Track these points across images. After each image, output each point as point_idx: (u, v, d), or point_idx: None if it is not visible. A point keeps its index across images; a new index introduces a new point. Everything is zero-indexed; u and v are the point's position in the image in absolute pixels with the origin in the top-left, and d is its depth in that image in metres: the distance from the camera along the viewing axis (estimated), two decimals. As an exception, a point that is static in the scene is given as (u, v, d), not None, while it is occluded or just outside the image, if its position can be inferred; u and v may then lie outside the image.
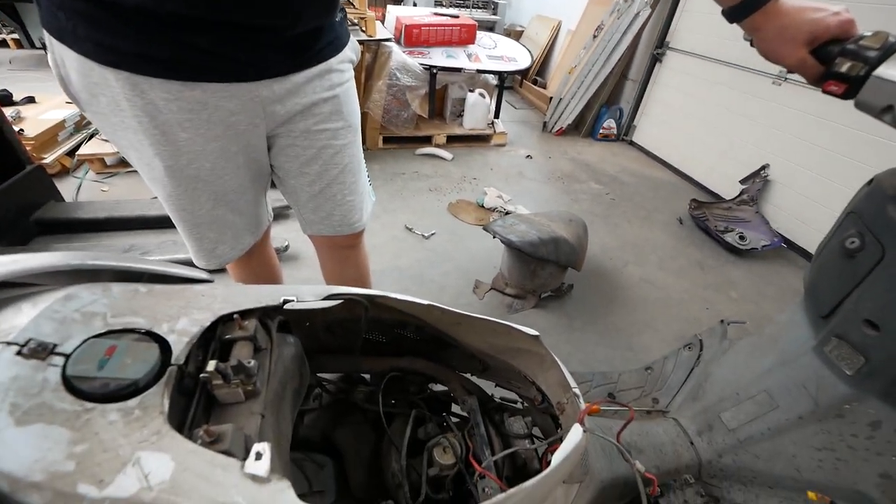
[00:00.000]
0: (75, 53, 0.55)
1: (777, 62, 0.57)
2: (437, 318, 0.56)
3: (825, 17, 0.53)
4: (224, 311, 0.41)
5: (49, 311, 0.35)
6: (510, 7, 5.37)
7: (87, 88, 0.59)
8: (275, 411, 0.41)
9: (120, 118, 0.61)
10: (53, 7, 0.53)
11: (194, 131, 0.64)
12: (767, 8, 0.55)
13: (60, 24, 0.54)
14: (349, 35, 0.78)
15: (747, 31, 0.59)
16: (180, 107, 0.60)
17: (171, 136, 0.63)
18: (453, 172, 2.83)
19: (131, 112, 0.59)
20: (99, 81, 0.57)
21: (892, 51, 0.48)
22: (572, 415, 0.49)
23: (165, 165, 0.66)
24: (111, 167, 2.43)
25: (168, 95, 0.59)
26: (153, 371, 0.34)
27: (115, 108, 0.60)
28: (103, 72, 0.56)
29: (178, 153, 0.65)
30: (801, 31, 0.54)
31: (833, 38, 0.53)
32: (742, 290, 1.95)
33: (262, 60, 0.63)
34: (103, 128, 0.65)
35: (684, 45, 3.01)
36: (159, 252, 1.63)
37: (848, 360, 0.56)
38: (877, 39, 0.49)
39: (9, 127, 1.74)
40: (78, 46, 0.55)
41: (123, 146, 0.67)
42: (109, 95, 0.58)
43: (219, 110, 0.63)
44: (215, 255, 0.82)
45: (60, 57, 0.58)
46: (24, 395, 0.30)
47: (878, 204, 0.53)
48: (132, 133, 0.62)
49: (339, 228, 0.89)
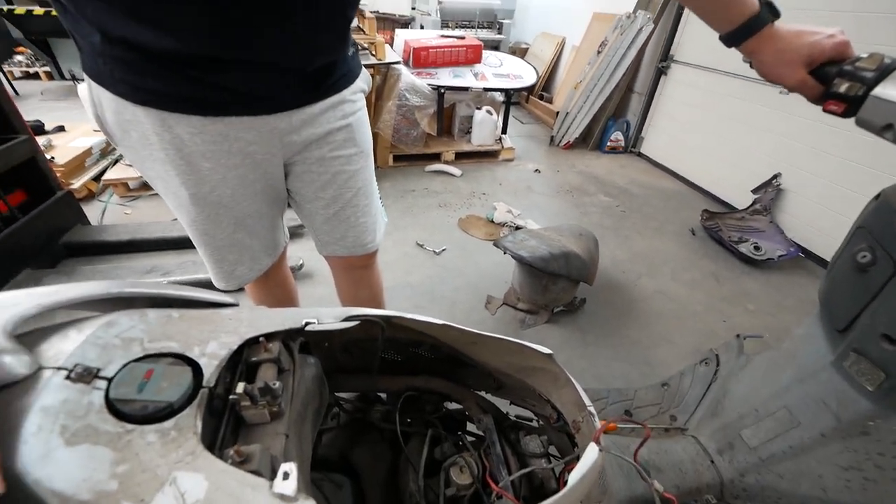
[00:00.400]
0: (111, 94, 0.60)
1: (777, 83, 0.59)
2: (452, 338, 0.57)
3: (820, 39, 0.55)
4: (250, 335, 0.43)
5: (93, 337, 0.38)
6: (515, 26, 5.49)
7: (121, 125, 0.64)
8: (297, 431, 0.43)
9: (149, 151, 0.66)
10: (94, 54, 0.58)
11: (216, 161, 0.68)
12: (763, 33, 0.57)
13: (99, 68, 0.59)
14: (361, 66, 0.82)
15: (745, 54, 0.61)
16: (203, 139, 0.65)
17: (195, 166, 0.67)
18: (462, 188, 2.86)
19: (160, 145, 0.64)
20: (131, 119, 0.62)
21: (888, 72, 0.49)
22: (588, 434, 0.50)
23: (190, 193, 0.70)
24: (134, 191, 2.53)
25: (192, 129, 0.64)
26: (187, 393, 0.36)
27: (144, 142, 0.65)
28: (135, 110, 0.61)
29: (201, 182, 0.69)
30: (799, 53, 0.55)
31: (830, 59, 0.55)
32: (759, 301, 1.92)
33: (278, 95, 0.68)
34: (134, 160, 0.70)
35: (689, 57, 3.04)
36: (180, 272, 1.68)
37: (868, 376, 0.55)
38: (872, 61, 0.51)
39: (42, 156, 1.83)
40: (114, 88, 0.60)
41: (151, 176, 0.72)
42: (140, 131, 0.63)
43: (238, 141, 0.68)
44: (234, 276, 0.85)
45: (98, 98, 0.62)
46: (72, 418, 0.32)
47: (887, 219, 0.53)
48: (160, 164, 0.67)
49: (353, 249, 0.92)
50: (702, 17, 0.61)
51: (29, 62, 5.02)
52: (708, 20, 0.61)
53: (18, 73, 5.01)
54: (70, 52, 4.58)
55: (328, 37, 0.67)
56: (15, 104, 1.77)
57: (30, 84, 4.86)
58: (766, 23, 0.57)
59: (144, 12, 0.52)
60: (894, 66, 0.50)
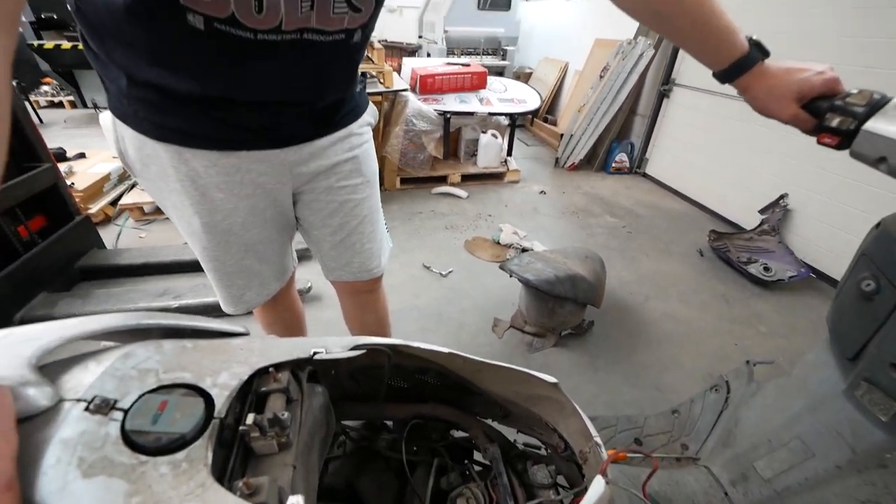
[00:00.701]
0: (133, 131, 0.65)
1: (771, 117, 0.61)
2: (458, 366, 0.58)
3: (810, 76, 0.57)
4: (260, 365, 0.45)
5: (111, 368, 0.39)
6: (518, 51, 5.65)
7: (141, 159, 0.68)
8: (304, 462, 0.43)
9: (166, 183, 0.69)
10: (120, 95, 0.62)
11: (229, 191, 0.71)
12: (753, 71, 0.60)
13: (124, 108, 0.63)
14: (367, 102, 0.86)
15: (738, 91, 0.63)
16: (217, 171, 0.69)
17: (208, 196, 0.71)
18: (469, 210, 2.89)
19: (176, 177, 0.68)
20: (151, 153, 0.66)
21: (877, 107, 0.51)
22: (595, 465, 0.49)
23: (203, 222, 0.73)
24: (149, 215, 2.60)
25: (207, 163, 0.67)
26: (199, 425, 0.37)
27: (162, 174, 0.68)
28: (155, 145, 0.65)
29: (214, 211, 0.72)
30: (789, 90, 0.57)
31: (820, 94, 0.57)
32: (771, 323, 1.88)
33: (289, 131, 0.71)
34: (151, 191, 0.74)
35: (690, 81, 3.09)
36: (192, 295, 1.70)
37: (881, 406, 0.54)
38: (862, 97, 0.53)
39: (63, 183, 1.90)
40: (136, 125, 0.64)
41: (167, 206, 0.76)
42: (159, 164, 0.67)
43: (250, 172, 0.71)
44: (243, 301, 0.88)
45: (121, 134, 0.67)
46: (90, 449, 0.33)
47: (888, 248, 0.53)
48: (175, 195, 0.71)
49: (358, 274, 0.94)
50: (694, 56, 0.64)
51: (54, 92, 5.25)
52: (700, 59, 0.63)
53: (44, 103, 5.24)
54: (93, 83, 4.80)
55: (337, 79, 0.71)
56: (40, 133, 1.86)
57: (54, 112, 5.07)
58: (755, 62, 0.60)
59: (167, 59, 0.56)
60: (883, 101, 0.52)
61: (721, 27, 0.59)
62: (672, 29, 0.62)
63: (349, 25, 0.61)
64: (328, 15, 0.57)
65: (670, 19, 0.60)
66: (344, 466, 0.66)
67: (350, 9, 0.58)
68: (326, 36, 0.59)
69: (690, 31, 0.61)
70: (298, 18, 0.55)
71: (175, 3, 0.49)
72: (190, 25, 0.51)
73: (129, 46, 0.56)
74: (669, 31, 0.64)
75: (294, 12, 0.54)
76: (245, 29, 0.53)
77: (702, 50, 0.62)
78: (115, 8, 0.50)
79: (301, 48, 0.59)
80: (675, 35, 0.64)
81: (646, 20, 0.63)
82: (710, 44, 0.61)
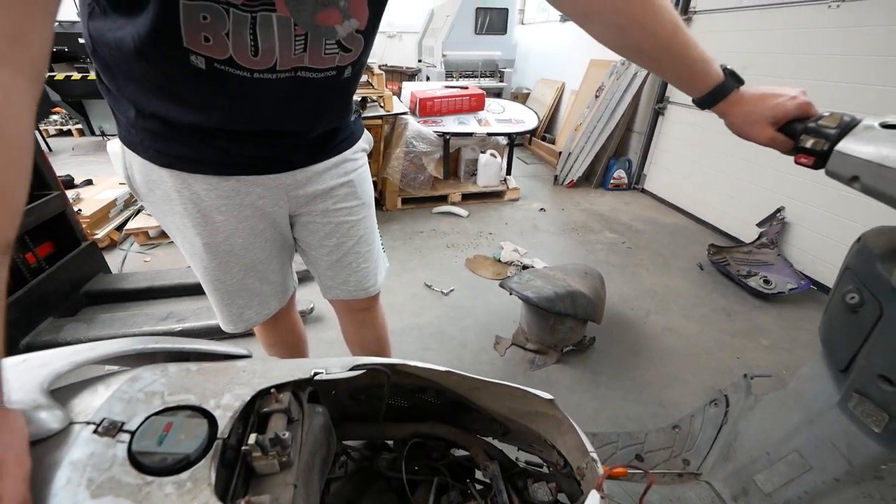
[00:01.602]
0: (141, 158, 0.69)
1: (749, 140, 0.64)
2: (455, 384, 0.59)
3: (784, 101, 0.60)
4: (262, 386, 0.46)
5: (119, 392, 0.41)
6: (515, 73, 5.79)
7: (147, 184, 0.72)
8: (305, 481, 0.44)
9: (170, 206, 0.73)
10: (129, 126, 0.67)
11: (229, 213, 0.75)
12: (729, 98, 0.64)
13: (132, 137, 0.68)
14: (363, 129, 0.91)
15: (718, 115, 0.66)
16: (218, 194, 0.72)
17: (209, 218, 0.74)
18: (469, 228, 2.92)
19: (179, 201, 0.72)
20: (156, 179, 0.70)
21: (848, 129, 0.54)
22: (592, 480, 0.50)
23: (204, 242, 0.76)
24: (153, 239, 2.64)
25: (209, 186, 0.71)
26: (202, 445, 0.38)
27: (166, 198, 0.72)
28: (160, 171, 0.69)
29: (215, 232, 0.76)
30: (764, 115, 0.61)
31: (795, 117, 0.60)
32: (773, 336, 1.88)
33: (286, 157, 0.76)
34: (155, 214, 0.78)
35: (683, 99, 3.16)
36: (195, 318, 1.72)
37: (874, 417, 0.55)
38: (833, 119, 0.56)
39: (70, 209, 1.95)
40: (143, 153, 0.69)
41: (170, 228, 0.79)
42: (163, 189, 0.71)
43: (249, 195, 0.75)
44: (242, 319, 0.90)
45: (129, 161, 0.71)
46: (98, 471, 0.35)
47: (868, 263, 0.55)
48: (178, 217, 0.74)
49: (355, 293, 0.96)
50: (675, 86, 0.68)
51: (63, 121, 5.40)
52: (680, 88, 0.68)
53: (53, 131, 5.39)
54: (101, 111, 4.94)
55: (331, 111, 0.76)
56: (49, 161, 1.91)
57: (63, 140, 5.20)
58: (730, 90, 0.63)
59: (173, 94, 0.61)
60: (853, 123, 0.55)
61: (696, 58, 0.63)
62: (652, 62, 0.67)
63: (340, 63, 0.65)
64: (319, 55, 0.61)
65: (650, 53, 0.64)
66: (345, 487, 0.66)
67: (340, 49, 0.63)
68: (319, 73, 0.64)
69: (669, 63, 0.65)
70: (292, 59, 0.59)
71: (179, 46, 0.54)
72: (193, 65, 0.56)
73: (138, 82, 0.61)
74: (650, 64, 0.68)
75: (288, 54, 0.59)
76: (242, 69, 0.58)
77: (679, 80, 0.66)
78: (127, 49, 0.55)
79: (295, 85, 0.63)
80: (656, 67, 0.68)
81: (628, 54, 0.68)
82: (686, 74, 0.65)
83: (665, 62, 0.65)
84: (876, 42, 1.95)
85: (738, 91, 0.63)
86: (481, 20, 5.06)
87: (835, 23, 2.11)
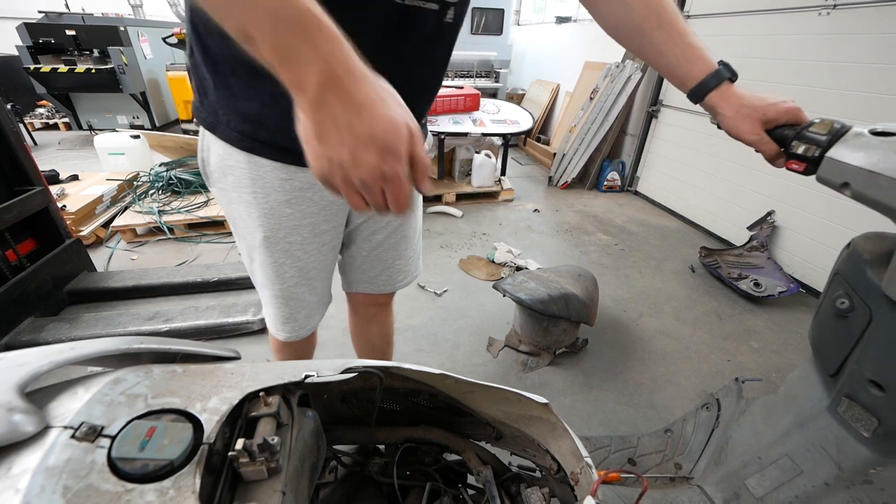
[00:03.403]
0: (221, 141, 0.67)
1: (738, 138, 0.64)
2: (449, 387, 0.58)
3: (776, 102, 0.61)
4: (251, 389, 0.45)
5: (99, 394, 0.39)
6: (511, 74, 5.81)
7: (221, 169, 0.70)
8: (294, 488, 0.43)
9: (238, 193, 0.72)
10: (217, 107, 0.64)
11: (297, 207, 0.73)
12: (723, 89, 0.63)
13: (217, 118, 0.66)
14: (428, 131, 0.91)
15: (709, 110, 0.66)
16: (293, 185, 0.71)
17: (277, 210, 0.72)
18: (464, 229, 2.92)
19: (251, 188, 0.70)
20: (232, 164, 0.69)
21: (838, 136, 0.55)
22: (586, 486, 0.49)
23: (264, 236, 0.75)
24: (141, 237, 2.59)
25: (285, 176, 0.70)
26: (187, 451, 0.37)
27: (238, 184, 0.71)
28: (238, 156, 0.67)
29: (278, 226, 0.74)
30: (756, 110, 0.61)
31: (786, 122, 0.60)
32: (763, 339, 1.90)
33: None
34: (223, 201, 0.76)
35: (677, 102, 3.19)
36: (182, 318, 1.69)
37: (863, 422, 0.55)
38: (824, 126, 0.56)
39: (54, 205, 1.90)
40: (226, 135, 0.67)
41: (234, 217, 0.78)
42: (237, 174, 0.70)
43: (324, 191, 0.73)
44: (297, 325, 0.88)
45: (207, 144, 0.70)
46: (75, 478, 0.33)
47: (857, 268, 0.56)
48: (245, 206, 0.73)
49: (383, 287, 0.96)
50: (670, 72, 0.68)
51: (49, 114, 5.30)
52: (675, 75, 0.67)
53: (39, 125, 5.28)
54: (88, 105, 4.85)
55: (422, 103, 0.74)
56: (32, 156, 1.87)
57: (49, 134, 5.10)
58: (724, 78, 0.63)
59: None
60: (843, 130, 0.55)
61: (693, 44, 0.64)
62: (651, 47, 0.66)
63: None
64: None
65: (650, 34, 0.65)
66: (335, 492, 0.65)
67: None
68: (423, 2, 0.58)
69: (668, 47, 0.65)
70: None
71: None
72: None
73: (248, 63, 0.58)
74: (648, 49, 0.67)
75: None
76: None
77: (676, 64, 0.66)
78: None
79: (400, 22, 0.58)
80: (654, 52, 0.67)
81: (629, 36, 0.68)
82: (683, 58, 0.65)
83: (664, 45, 0.65)
84: (864, 50, 1.98)
85: (731, 85, 0.64)
86: (477, 20, 5.07)
87: (824, 30, 2.14)
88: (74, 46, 4.49)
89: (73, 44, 4.48)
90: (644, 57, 0.70)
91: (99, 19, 4.88)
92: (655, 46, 0.66)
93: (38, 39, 4.40)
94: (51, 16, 4.74)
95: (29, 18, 4.59)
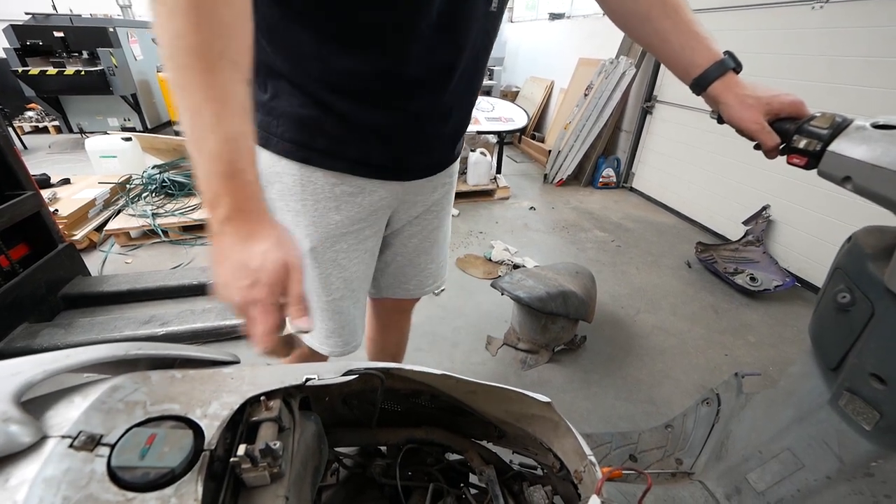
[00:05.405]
0: (268, 152, 0.65)
1: (740, 127, 0.63)
2: (451, 387, 0.58)
3: (780, 94, 0.61)
4: (251, 394, 0.44)
5: (97, 402, 0.38)
6: (505, 71, 5.81)
7: (267, 177, 0.67)
8: (297, 492, 0.43)
9: (285, 202, 0.69)
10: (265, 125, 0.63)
11: (345, 213, 0.71)
12: (727, 78, 0.63)
13: (268, 134, 0.64)
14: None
15: (712, 100, 0.65)
16: (343, 190, 0.69)
17: (325, 218, 0.70)
18: (460, 227, 2.91)
19: (300, 196, 0.68)
20: (280, 171, 0.66)
21: (840, 130, 0.55)
22: (590, 484, 0.49)
23: (311, 246, 0.72)
24: (135, 240, 2.56)
25: (335, 181, 0.68)
26: (188, 458, 0.36)
27: (284, 193, 0.68)
28: (288, 164, 0.65)
29: (325, 235, 0.72)
30: (759, 100, 0.61)
31: (788, 115, 0.60)
32: (759, 333, 1.91)
33: (437, 157, 0.75)
34: None
35: (671, 97, 3.20)
36: (178, 322, 1.67)
37: (864, 415, 0.55)
38: (825, 120, 0.56)
39: (46, 210, 1.88)
40: (276, 148, 0.65)
41: None
42: (285, 182, 0.67)
43: (371, 195, 0.71)
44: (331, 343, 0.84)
45: None
46: (74, 488, 0.32)
47: (859, 262, 0.56)
48: (292, 215, 0.70)
49: (412, 292, 0.95)
50: (674, 62, 0.67)
51: (39, 117, 5.23)
52: (679, 64, 0.67)
53: (28, 128, 5.21)
54: (79, 108, 4.80)
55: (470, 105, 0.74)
56: (23, 160, 1.84)
57: (39, 138, 5.03)
58: (729, 68, 0.63)
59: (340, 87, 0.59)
60: (845, 124, 0.55)
61: (698, 32, 0.64)
62: (656, 34, 0.66)
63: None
64: None
65: (656, 21, 0.65)
66: (337, 494, 0.65)
67: None
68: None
69: (673, 35, 0.65)
70: None
71: None
72: None
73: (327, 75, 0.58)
74: (653, 37, 0.67)
75: None
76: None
77: (681, 52, 0.65)
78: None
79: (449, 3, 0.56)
80: (658, 41, 0.67)
81: (635, 24, 0.67)
82: (688, 46, 0.64)
83: (670, 34, 0.64)
84: (858, 43, 1.99)
85: (735, 74, 0.63)
86: (470, 18, 5.04)
87: (818, 24, 2.15)
88: (63, 48, 4.43)
89: (62, 45, 4.43)
90: (649, 45, 0.69)
91: (87, 20, 4.81)
92: (661, 34, 0.66)
93: (25, 41, 4.34)
94: (38, 17, 4.67)
95: (15, 20, 4.52)
